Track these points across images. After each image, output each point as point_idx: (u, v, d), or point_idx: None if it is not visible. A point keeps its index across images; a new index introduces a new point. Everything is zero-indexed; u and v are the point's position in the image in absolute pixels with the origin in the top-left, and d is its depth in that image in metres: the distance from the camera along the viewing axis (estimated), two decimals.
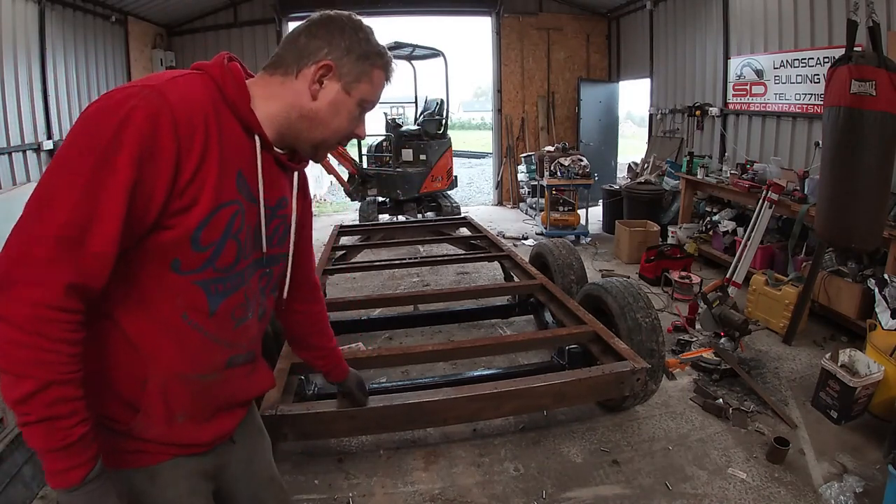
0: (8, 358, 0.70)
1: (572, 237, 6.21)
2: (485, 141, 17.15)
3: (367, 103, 0.99)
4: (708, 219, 5.30)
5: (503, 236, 6.41)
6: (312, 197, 8.81)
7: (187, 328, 0.89)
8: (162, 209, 0.78)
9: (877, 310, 2.93)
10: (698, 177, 5.19)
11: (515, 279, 3.59)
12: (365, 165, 7.31)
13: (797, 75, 4.62)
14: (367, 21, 1.01)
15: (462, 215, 6.03)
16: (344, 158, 6.56)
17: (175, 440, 0.94)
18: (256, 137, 0.91)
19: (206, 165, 0.81)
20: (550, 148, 7.33)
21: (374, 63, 0.96)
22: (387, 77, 0.99)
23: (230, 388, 1.01)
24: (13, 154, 4.52)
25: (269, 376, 1.15)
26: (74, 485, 0.75)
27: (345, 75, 0.93)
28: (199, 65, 0.90)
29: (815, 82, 4.39)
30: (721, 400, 2.75)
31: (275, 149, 0.95)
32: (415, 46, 7.18)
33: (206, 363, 0.94)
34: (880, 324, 2.81)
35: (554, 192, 6.53)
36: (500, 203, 8.88)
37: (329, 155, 6.36)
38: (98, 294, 0.77)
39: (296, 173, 1.04)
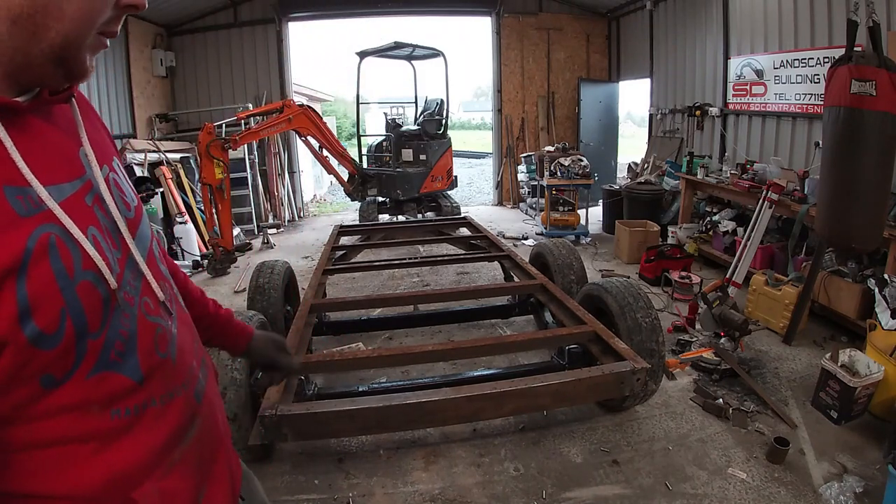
0: None
1: (572, 237, 6.21)
2: (485, 141, 17.19)
3: None
4: (708, 219, 5.30)
5: (503, 236, 6.42)
6: (312, 197, 8.62)
7: (132, 419, 0.62)
8: None
9: (877, 310, 2.93)
10: (698, 177, 5.19)
11: (515, 279, 3.59)
12: (365, 165, 7.32)
13: (797, 75, 4.62)
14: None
15: (462, 215, 6.03)
16: (344, 158, 6.56)
17: None
18: None
19: None
20: (550, 148, 7.34)
21: None
22: None
23: (210, 419, 0.78)
24: None
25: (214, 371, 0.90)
26: None
27: None
28: None
29: (815, 82, 4.40)
30: (721, 400, 2.75)
31: (19, 101, 0.56)
32: (415, 46, 7.18)
33: (179, 426, 0.69)
34: (880, 324, 2.81)
35: (554, 192, 6.53)
36: (500, 203, 8.89)
37: (329, 155, 6.39)
38: None
39: (73, 106, 0.66)
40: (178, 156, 6.57)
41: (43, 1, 0.52)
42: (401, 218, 7.07)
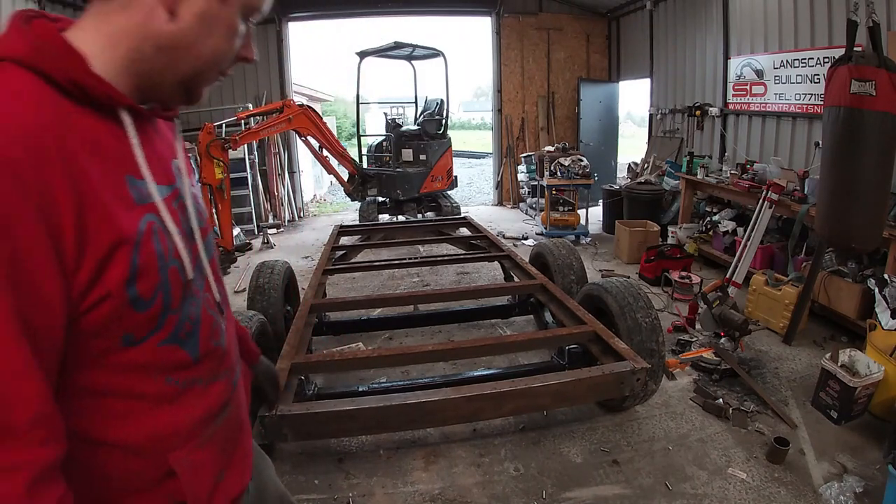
0: None
1: (572, 237, 6.21)
2: (485, 141, 17.19)
3: (254, 10, 0.71)
4: (708, 219, 5.30)
5: (503, 236, 6.42)
6: (312, 197, 8.73)
7: (178, 391, 0.71)
8: (66, 301, 0.57)
9: (877, 310, 2.93)
10: (698, 177, 5.19)
11: (515, 279, 3.59)
12: (365, 165, 7.32)
13: (797, 75, 4.62)
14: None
15: (462, 215, 6.03)
16: (344, 158, 6.56)
17: (229, 500, 0.81)
18: (123, 113, 0.64)
19: (89, 206, 0.57)
20: (550, 148, 7.34)
21: None
22: None
23: (241, 408, 0.88)
24: None
25: (246, 369, 1.03)
26: None
27: None
28: None
29: (815, 82, 4.40)
30: (721, 400, 2.75)
31: (143, 108, 0.69)
32: (415, 46, 7.18)
33: (216, 406, 0.78)
34: (880, 324, 2.81)
35: (554, 192, 6.53)
36: (500, 203, 8.89)
37: (329, 155, 6.39)
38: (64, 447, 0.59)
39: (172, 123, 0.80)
40: None
41: (186, 40, 0.65)
42: (401, 218, 7.08)
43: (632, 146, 13.19)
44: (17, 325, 0.53)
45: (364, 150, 7.57)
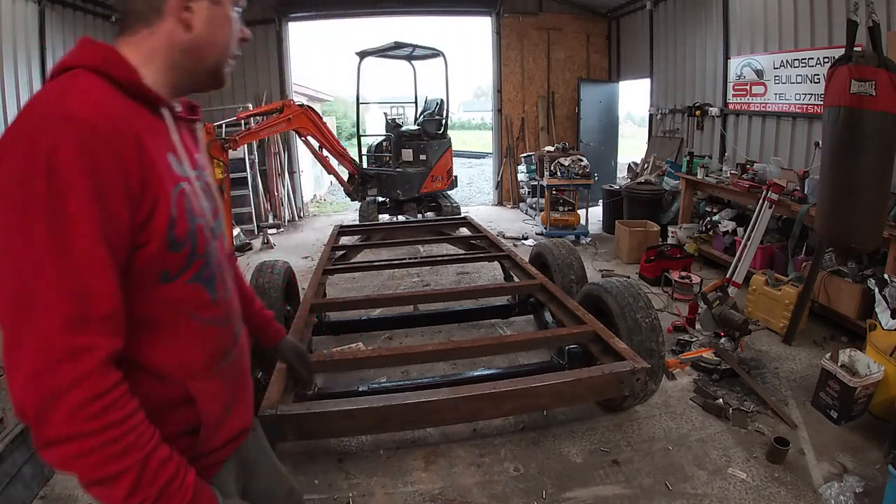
0: (100, 468, 0.67)
1: (572, 237, 6.21)
2: (485, 141, 17.17)
3: (238, 0, 0.92)
4: (708, 219, 5.30)
5: (503, 236, 6.41)
6: (312, 197, 8.78)
7: (200, 327, 0.87)
8: (131, 232, 0.74)
9: (877, 310, 2.93)
10: (698, 177, 5.19)
11: (515, 279, 3.59)
12: (365, 165, 7.32)
13: (797, 75, 4.62)
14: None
15: (462, 215, 6.03)
16: (344, 158, 6.56)
17: (233, 433, 0.96)
18: (164, 111, 0.87)
19: (147, 166, 0.76)
20: (550, 148, 7.33)
21: None
22: None
23: (243, 358, 1.02)
24: None
25: (247, 334, 1.13)
26: None
27: None
28: (70, 62, 0.78)
29: (815, 82, 4.40)
30: (721, 400, 2.75)
31: (177, 109, 0.92)
32: (415, 46, 7.18)
33: (224, 348, 0.94)
34: (880, 324, 2.81)
35: (554, 192, 6.53)
36: (500, 203, 8.89)
37: (329, 155, 6.39)
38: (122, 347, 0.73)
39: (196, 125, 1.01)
40: None
41: (203, 41, 0.86)
42: (401, 218, 7.07)
43: (632, 146, 13.19)
44: (102, 238, 0.69)
45: (364, 150, 7.56)
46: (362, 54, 7.16)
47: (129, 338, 0.75)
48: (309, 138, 5.99)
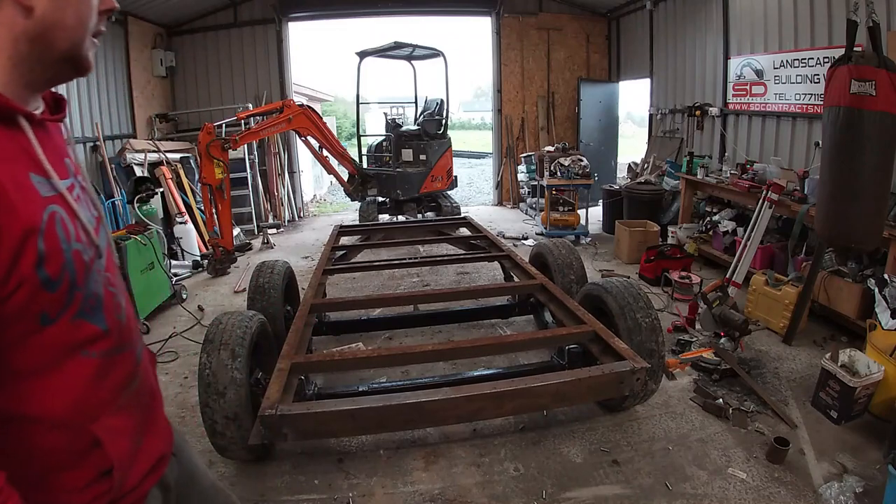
0: None
1: (572, 237, 6.21)
2: (485, 141, 17.18)
3: None
4: (708, 219, 5.30)
5: (503, 236, 6.42)
6: (312, 197, 8.68)
7: (95, 362, 0.77)
8: None
9: (877, 310, 2.93)
10: (698, 177, 5.19)
11: (515, 279, 3.59)
12: (365, 165, 7.32)
13: (797, 75, 4.62)
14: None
15: (462, 215, 6.03)
16: (344, 158, 6.56)
17: (150, 463, 0.88)
18: (21, 119, 0.71)
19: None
20: (550, 148, 7.33)
21: None
22: None
23: (147, 379, 0.94)
24: None
25: (149, 350, 1.06)
26: None
27: None
28: None
29: (815, 82, 4.40)
30: (721, 400, 2.75)
31: (37, 114, 0.75)
32: (415, 46, 7.18)
33: (127, 375, 0.86)
34: (880, 324, 2.81)
35: (554, 192, 6.53)
36: (500, 203, 8.89)
37: (329, 155, 6.39)
38: None
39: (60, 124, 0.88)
40: (178, 156, 6.57)
41: (50, 20, 0.70)
42: (401, 218, 7.07)
43: (632, 146, 13.18)
44: None
45: (364, 150, 7.56)
46: (362, 54, 7.16)
47: (12, 390, 0.68)
48: (309, 138, 5.99)
